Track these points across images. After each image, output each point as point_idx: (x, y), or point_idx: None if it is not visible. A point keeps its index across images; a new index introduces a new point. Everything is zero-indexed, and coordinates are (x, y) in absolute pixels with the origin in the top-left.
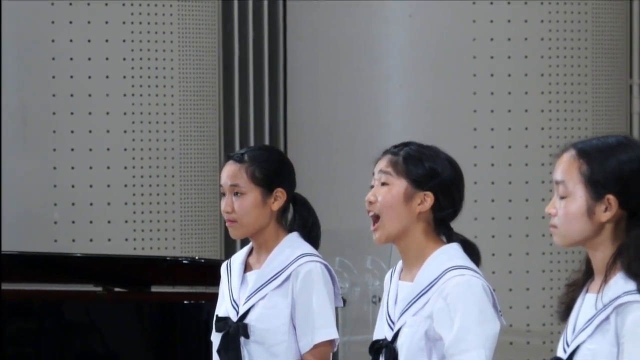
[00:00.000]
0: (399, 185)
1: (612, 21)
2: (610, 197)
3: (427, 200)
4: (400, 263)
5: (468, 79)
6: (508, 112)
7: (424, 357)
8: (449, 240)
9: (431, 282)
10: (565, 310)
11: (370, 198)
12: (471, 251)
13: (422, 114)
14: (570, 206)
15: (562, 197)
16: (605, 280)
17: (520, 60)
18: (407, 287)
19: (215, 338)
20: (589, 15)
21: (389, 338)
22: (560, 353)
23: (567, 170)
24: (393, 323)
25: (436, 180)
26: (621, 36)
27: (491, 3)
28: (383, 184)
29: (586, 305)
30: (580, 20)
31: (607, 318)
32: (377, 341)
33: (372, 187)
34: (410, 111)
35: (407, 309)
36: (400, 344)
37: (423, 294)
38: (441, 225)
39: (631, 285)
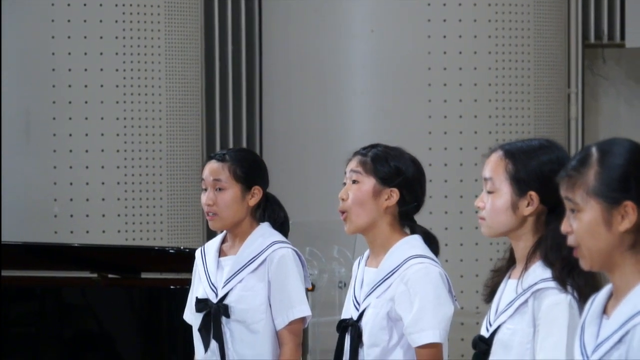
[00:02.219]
0: (368, 182)
1: (552, 36)
2: (533, 193)
3: (393, 195)
4: (367, 251)
5: (423, 88)
6: (459, 118)
7: (385, 335)
8: (412, 231)
9: (394, 269)
10: (490, 293)
11: (343, 195)
12: (431, 242)
13: (383, 119)
14: (496, 201)
15: (489, 192)
16: (526, 267)
17: (470, 70)
18: (372, 273)
19: (196, 318)
20: (532, 32)
21: (355, 317)
22: (483, 332)
23: (494, 168)
24: (358, 304)
25: (401, 177)
26: (560, 50)
27: (444, 20)
28: (354, 181)
29: (508, 289)
30: (523, 36)
31: (526, 302)
32: (344, 320)
33: (344, 184)
34: (372, 117)
35: (371, 292)
36: (364, 323)
37: (386, 279)
38: (405, 218)
39: (548, 273)
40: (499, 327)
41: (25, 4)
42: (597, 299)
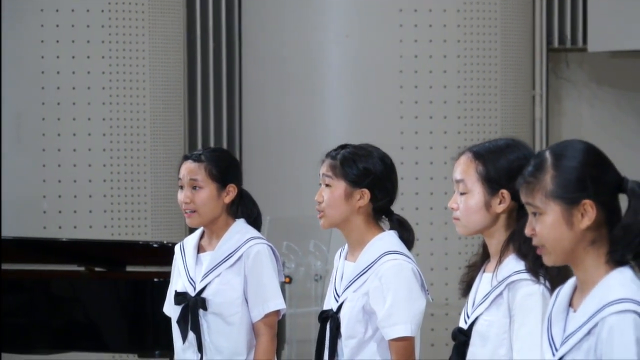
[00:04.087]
0: (339, 186)
1: (517, 41)
2: (504, 191)
3: (364, 196)
4: (347, 244)
5: (395, 90)
6: (430, 119)
7: (361, 327)
8: (390, 220)
9: (369, 264)
10: (466, 287)
11: (319, 198)
12: (406, 230)
13: (357, 119)
14: (469, 201)
15: (462, 193)
16: (500, 261)
17: (439, 73)
18: (350, 267)
19: (175, 310)
20: (498, 37)
21: (334, 309)
22: (461, 324)
23: (465, 170)
24: (338, 296)
25: (370, 177)
26: (525, 54)
27: (415, 25)
28: (327, 185)
29: (483, 282)
30: (490, 41)
31: (501, 294)
32: (325, 311)
33: (320, 184)
34: (347, 117)
35: (349, 286)
36: (342, 315)
37: (362, 274)
38: (380, 212)
39: (521, 265)
40: (476, 319)
41: (16, 10)
42: (562, 292)
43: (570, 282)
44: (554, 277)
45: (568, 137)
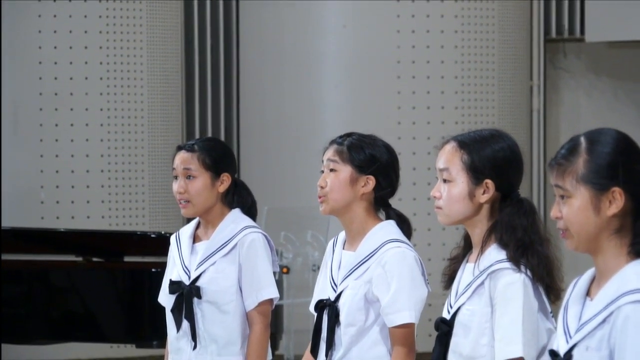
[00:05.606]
0: (345, 170)
1: (515, 32)
2: (488, 181)
3: (369, 182)
4: (342, 234)
5: (393, 80)
6: (427, 109)
7: (362, 315)
8: (387, 215)
9: (371, 252)
10: (448, 280)
11: (322, 183)
12: (404, 224)
13: (354, 110)
14: (453, 190)
15: (445, 181)
16: (482, 251)
17: (437, 64)
18: (349, 256)
19: (169, 299)
20: (496, 27)
21: (332, 298)
22: (445, 314)
23: (449, 159)
24: (336, 285)
25: (376, 164)
26: (523, 45)
27: (413, 16)
28: (331, 170)
29: (466, 273)
30: (488, 31)
31: (482, 283)
32: (322, 300)
33: (322, 172)
34: (344, 108)
35: (349, 274)
36: (342, 304)
37: (364, 262)
38: (380, 203)
39: (503, 254)
40: (459, 308)
41: (13, 1)
42: (580, 281)
43: (589, 272)
44: (535, 266)
45: (565, 127)
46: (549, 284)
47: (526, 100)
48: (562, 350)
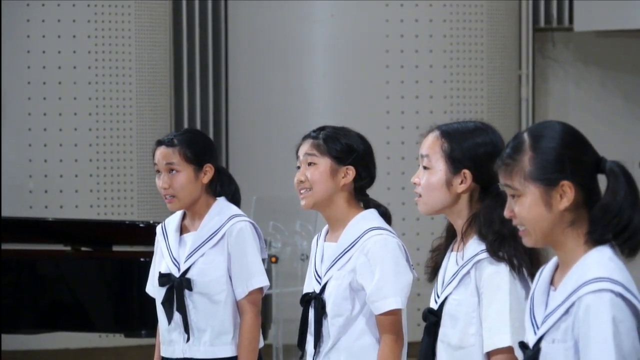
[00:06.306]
0: (324, 163)
1: (504, 21)
2: (466, 171)
3: (349, 173)
4: (325, 228)
5: (381, 70)
6: (416, 98)
7: (348, 305)
8: (366, 205)
9: (353, 241)
10: (432, 272)
11: (301, 177)
12: (384, 214)
13: (343, 99)
14: (431, 177)
15: (425, 168)
16: (463, 242)
17: (426, 53)
18: (332, 247)
19: (159, 292)
20: (485, 16)
21: (317, 291)
22: (432, 304)
23: (431, 146)
24: (320, 278)
25: (354, 154)
26: (511, 34)
27: (401, 5)
28: (310, 164)
29: (451, 262)
30: (477, 20)
31: (468, 273)
32: (307, 294)
33: (298, 168)
34: (333, 97)
35: (332, 265)
36: (327, 295)
37: (347, 252)
38: (360, 193)
39: (483, 246)
40: (445, 299)
41: None
42: (545, 271)
43: (553, 261)
44: (511, 256)
45: (554, 116)
46: (533, 273)
47: (515, 89)
48: (530, 342)
